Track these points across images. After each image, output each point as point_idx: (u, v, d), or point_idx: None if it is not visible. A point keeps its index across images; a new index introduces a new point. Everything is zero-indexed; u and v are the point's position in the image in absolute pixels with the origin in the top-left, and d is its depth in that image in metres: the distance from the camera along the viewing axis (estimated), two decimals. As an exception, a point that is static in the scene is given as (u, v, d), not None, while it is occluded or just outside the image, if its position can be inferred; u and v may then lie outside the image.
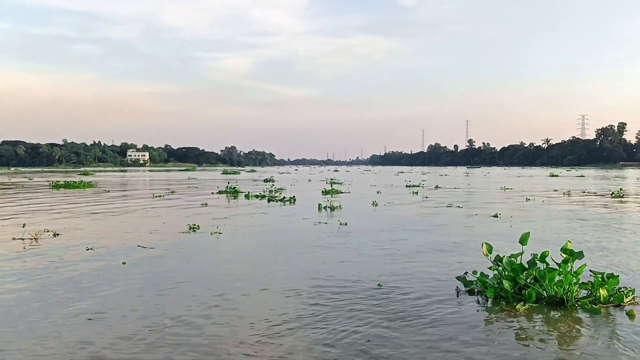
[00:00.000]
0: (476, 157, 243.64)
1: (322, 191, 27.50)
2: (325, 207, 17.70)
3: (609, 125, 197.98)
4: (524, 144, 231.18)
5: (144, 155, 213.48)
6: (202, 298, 6.09)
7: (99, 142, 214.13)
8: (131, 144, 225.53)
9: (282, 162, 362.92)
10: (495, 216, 15.19)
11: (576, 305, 5.67)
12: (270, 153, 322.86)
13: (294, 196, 22.12)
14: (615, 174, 74.93)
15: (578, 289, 5.84)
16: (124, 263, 8.17)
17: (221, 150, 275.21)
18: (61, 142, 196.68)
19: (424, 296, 6.18)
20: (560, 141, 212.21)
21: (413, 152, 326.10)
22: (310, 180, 48.63)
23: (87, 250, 9.42)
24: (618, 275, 6.02)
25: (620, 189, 25.64)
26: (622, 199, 22.38)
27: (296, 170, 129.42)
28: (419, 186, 34.05)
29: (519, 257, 6.19)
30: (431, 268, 7.79)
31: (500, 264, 6.29)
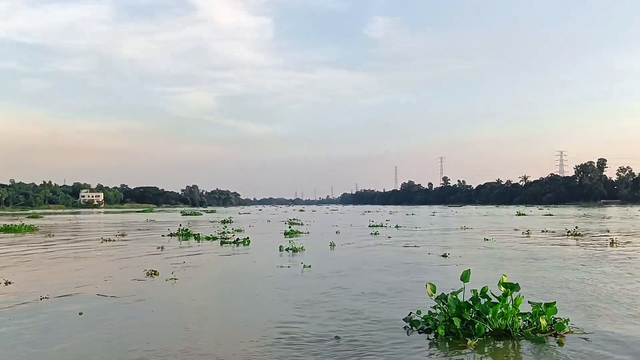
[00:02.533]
0: (452, 195, 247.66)
1: (285, 232, 28.31)
2: (287, 249, 18.37)
3: (588, 162, 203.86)
4: (501, 181, 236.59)
5: (98, 196, 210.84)
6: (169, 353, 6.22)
7: (50, 182, 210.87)
8: (84, 183, 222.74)
9: (247, 202, 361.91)
10: (444, 256, 16.22)
11: (520, 335, 6.46)
12: (235, 192, 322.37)
13: (247, 238, 22.81)
14: (588, 212, 77.55)
15: (520, 320, 6.64)
16: (80, 314, 8.24)
17: (182, 190, 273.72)
18: (8, 183, 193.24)
19: (380, 338, 6.68)
20: (538, 178, 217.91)
21: (386, 191, 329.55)
22: (269, 221, 49.46)
23: (41, 299, 9.49)
24: (554, 302, 6.86)
25: (576, 227, 27.13)
26: (577, 238, 23.74)
27: (260, 210, 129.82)
28: (381, 226, 35.17)
29: (460, 293, 6.90)
30: (384, 309, 8.42)
31: (444, 302, 6.97)
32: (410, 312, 7.35)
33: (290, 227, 33.60)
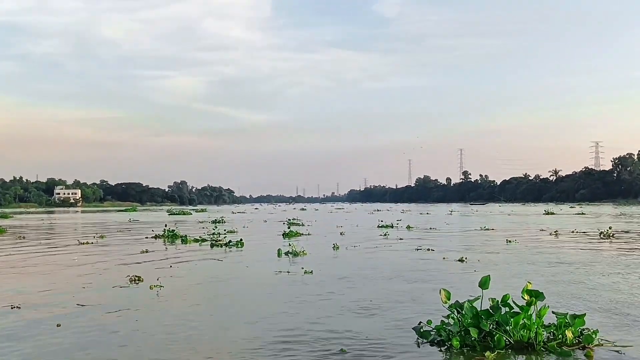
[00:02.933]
0: (473, 191, 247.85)
1: (283, 234, 28.57)
2: (287, 253, 18.50)
3: (627, 154, 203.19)
4: (529, 176, 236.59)
5: (75, 194, 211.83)
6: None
7: (21, 177, 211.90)
8: (59, 179, 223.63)
9: (242, 200, 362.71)
10: (461, 260, 16.33)
11: (544, 349, 6.57)
12: (229, 189, 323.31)
13: (241, 240, 23.01)
14: (627, 210, 77.54)
15: (543, 332, 6.74)
16: (58, 325, 8.28)
17: (169, 187, 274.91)
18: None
19: (389, 352, 6.80)
20: (571, 172, 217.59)
21: (398, 187, 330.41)
22: (266, 221, 49.82)
23: (12, 309, 9.54)
24: (584, 314, 6.96)
25: (610, 228, 27.19)
26: (611, 240, 23.88)
27: (256, 209, 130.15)
28: (391, 227, 35.35)
29: (478, 301, 6.99)
30: (393, 319, 8.52)
31: (459, 310, 7.06)
32: (420, 322, 7.45)
33: (289, 227, 33.78)
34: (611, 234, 25.59)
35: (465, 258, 16.65)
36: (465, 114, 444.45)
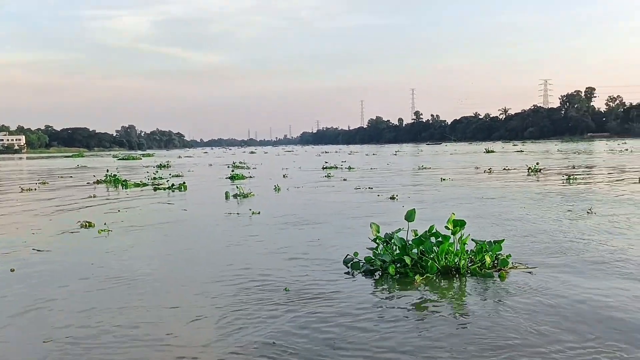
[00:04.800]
0: (424, 132, 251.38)
1: (229, 177, 29.26)
2: (235, 195, 19.09)
3: (575, 91, 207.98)
4: (479, 115, 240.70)
5: (19, 140, 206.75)
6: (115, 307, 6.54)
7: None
8: (2, 125, 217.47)
9: (193, 144, 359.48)
10: (392, 198, 17.45)
11: (468, 272, 7.42)
12: (179, 133, 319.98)
13: (184, 183, 23.56)
14: (567, 147, 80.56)
15: (466, 257, 7.58)
16: (12, 270, 8.44)
17: (117, 131, 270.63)
18: None
19: (332, 287, 7.17)
20: (520, 111, 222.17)
21: (351, 128, 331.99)
22: (211, 165, 50.40)
23: None
24: (501, 241, 7.85)
25: (537, 164, 28.94)
26: (537, 176, 25.49)
27: (205, 152, 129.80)
28: (335, 168, 36.55)
29: (405, 232, 7.72)
30: (331, 255, 8.95)
31: (389, 242, 7.79)
32: (347, 255, 8.11)
33: (233, 171, 34.46)
34: (538, 170, 27.28)
35: (397, 195, 17.76)
36: (417, 54, 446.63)
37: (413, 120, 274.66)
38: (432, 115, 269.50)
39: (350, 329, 5.58)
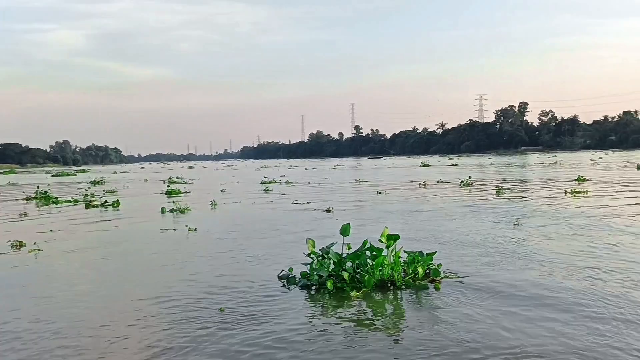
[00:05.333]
0: (364, 146, 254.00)
1: (166, 192, 28.91)
2: (171, 211, 18.96)
3: (509, 106, 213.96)
4: (417, 129, 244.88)
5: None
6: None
7: None
8: None
9: (130, 159, 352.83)
10: (328, 211, 17.69)
11: (403, 284, 7.58)
12: (115, 148, 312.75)
13: (117, 200, 23.17)
14: (500, 160, 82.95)
15: (401, 270, 7.75)
16: None
17: (51, 147, 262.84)
18: None
19: (268, 305, 7.10)
20: (457, 125, 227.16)
21: (292, 143, 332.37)
22: (147, 180, 49.79)
23: None
24: (434, 253, 8.08)
25: (469, 177, 29.82)
26: (469, 189, 26.26)
27: (142, 168, 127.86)
28: (274, 183, 36.66)
29: (339, 247, 7.85)
30: (268, 270, 8.94)
31: (325, 256, 7.87)
32: (282, 270, 8.22)
33: (168, 186, 34.08)
34: (470, 183, 28.05)
35: (332, 209, 17.99)
36: (357, 69, 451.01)
37: (353, 135, 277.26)
38: (371, 129, 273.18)
39: (287, 346, 5.60)
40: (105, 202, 22.78)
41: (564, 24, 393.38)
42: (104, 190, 32.54)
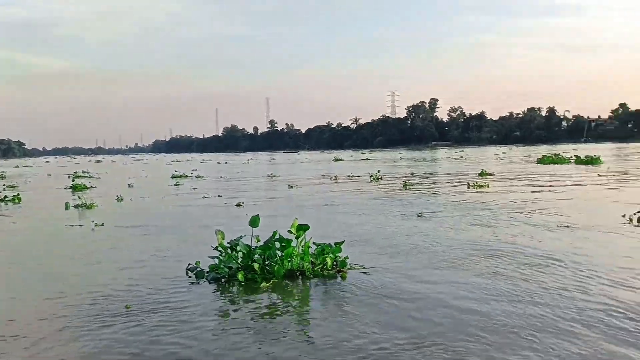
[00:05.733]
0: (279, 140, 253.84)
1: (71, 187, 28.03)
2: (76, 206, 18.37)
3: (420, 102, 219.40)
4: (332, 124, 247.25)
5: None
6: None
7: None
8: None
9: (35, 153, 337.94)
10: (239, 205, 17.69)
11: (312, 275, 7.71)
12: (19, 141, 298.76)
13: (18, 195, 22.31)
14: (411, 155, 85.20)
15: (309, 260, 7.86)
16: None
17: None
18: None
19: (177, 298, 7.05)
20: (370, 120, 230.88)
21: (206, 137, 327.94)
22: (50, 175, 48.25)
23: None
24: (341, 243, 8.22)
25: (378, 172, 30.60)
26: (379, 183, 26.92)
27: (47, 162, 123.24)
28: (185, 177, 36.29)
29: (249, 238, 7.89)
30: (176, 265, 8.77)
31: (234, 249, 7.87)
32: (189, 264, 8.14)
33: (73, 180, 33.02)
34: (379, 178, 28.74)
35: (243, 203, 18.02)
36: (273, 64, 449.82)
37: (268, 129, 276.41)
38: (286, 124, 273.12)
39: (195, 340, 5.56)
40: (5, 197, 21.82)
41: (473, 23, 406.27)
42: (3, 185, 31.17)
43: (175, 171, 41.56)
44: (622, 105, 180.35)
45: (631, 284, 6.96)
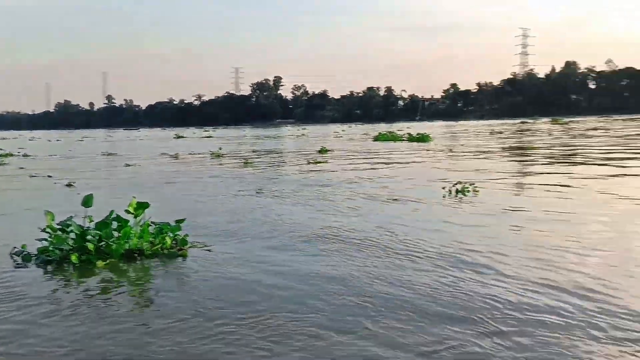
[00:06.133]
0: (119, 117, 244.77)
1: None
2: None
3: (264, 79, 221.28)
4: (174, 100, 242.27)
5: None
6: None
7: None
8: None
9: None
10: (70, 185, 16.85)
11: (152, 254, 7.48)
12: None
13: None
14: (254, 132, 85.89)
15: (148, 240, 7.62)
16: None
17: None
18: None
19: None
20: (214, 97, 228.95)
21: (36, 113, 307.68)
22: None
23: None
24: (181, 221, 8.04)
25: (220, 149, 30.71)
26: (220, 159, 27.04)
27: None
28: (12, 155, 34.22)
29: (84, 219, 7.55)
30: None
31: (66, 229, 7.46)
32: (15, 247, 7.66)
33: None
34: (221, 155, 28.95)
35: (74, 182, 17.23)
36: (112, 37, 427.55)
37: (105, 105, 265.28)
38: (125, 99, 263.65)
39: (28, 327, 5.18)
40: None
41: (318, 2, 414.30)
42: None
43: (1, 149, 38.84)
44: (453, 85, 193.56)
45: (438, 243, 7.66)
